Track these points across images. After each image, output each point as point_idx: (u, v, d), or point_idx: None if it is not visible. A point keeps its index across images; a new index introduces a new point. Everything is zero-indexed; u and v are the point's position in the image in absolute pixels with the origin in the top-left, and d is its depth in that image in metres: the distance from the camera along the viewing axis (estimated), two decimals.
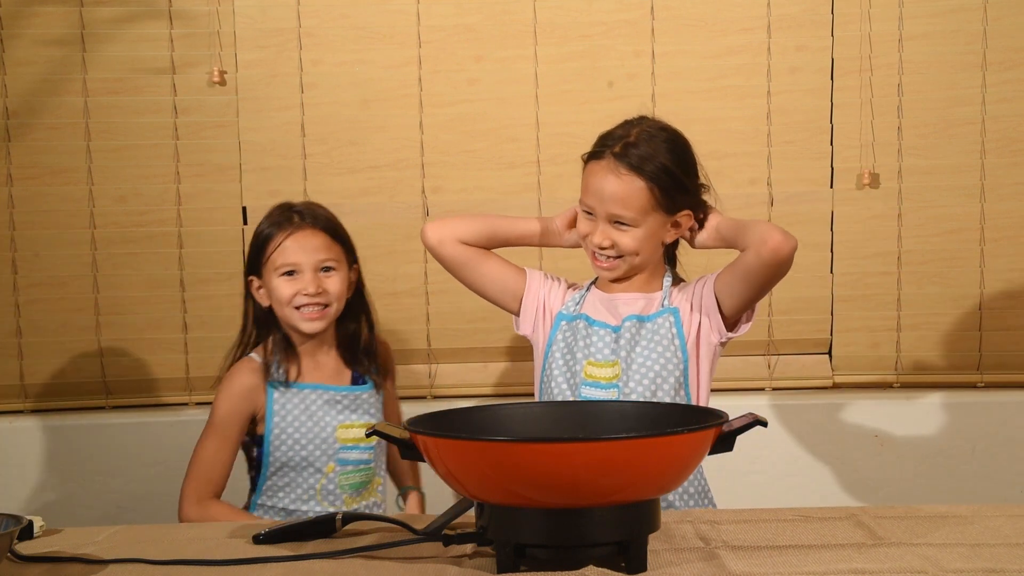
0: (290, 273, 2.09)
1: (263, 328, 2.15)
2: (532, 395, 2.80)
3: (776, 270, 1.90)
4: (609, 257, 1.99)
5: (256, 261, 2.13)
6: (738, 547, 1.50)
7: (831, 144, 2.81)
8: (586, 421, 1.60)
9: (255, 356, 2.13)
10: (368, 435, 1.50)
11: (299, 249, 2.09)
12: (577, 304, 2.06)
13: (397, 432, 1.49)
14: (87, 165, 2.79)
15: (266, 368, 2.10)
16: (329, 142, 2.81)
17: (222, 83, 2.78)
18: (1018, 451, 2.75)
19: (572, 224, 2.06)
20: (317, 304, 2.09)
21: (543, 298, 2.08)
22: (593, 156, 2.00)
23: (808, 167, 2.81)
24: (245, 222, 2.80)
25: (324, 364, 2.15)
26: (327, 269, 2.11)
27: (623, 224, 1.96)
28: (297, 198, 2.77)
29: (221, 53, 2.78)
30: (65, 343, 2.80)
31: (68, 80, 2.78)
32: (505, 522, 1.39)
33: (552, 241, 2.11)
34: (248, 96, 2.80)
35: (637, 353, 1.98)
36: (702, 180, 2.04)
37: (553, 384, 2.03)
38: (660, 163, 1.96)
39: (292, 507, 2.10)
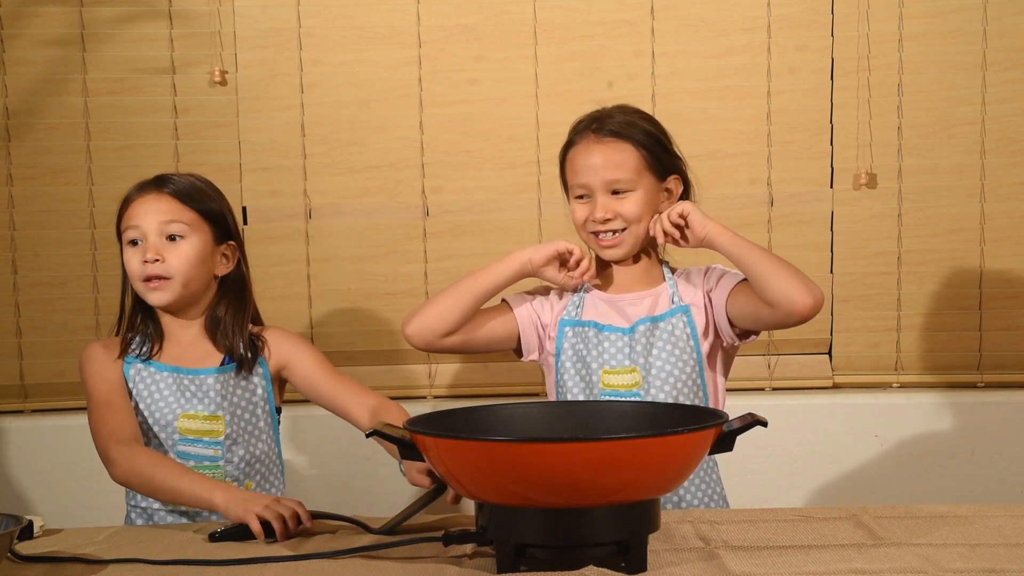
0: (135, 243, 1.95)
1: (137, 311, 2.02)
2: (532, 395, 2.81)
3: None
4: (614, 232, 1.98)
5: (118, 233, 2.01)
6: (738, 547, 1.50)
7: (831, 144, 2.81)
8: (586, 421, 1.60)
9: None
10: (368, 436, 1.50)
11: (141, 213, 1.95)
12: (578, 308, 2.03)
13: (397, 432, 1.49)
14: (87, 165, 2.79)
15: (124, 344, 1.98)
16: (329, 142, 2.81)
17: (223, 83, 2.78)
18: (1018, 451, 2.75)
19: (550, 261, 2.00)
20: (156, 275, 1.93)
21: (537, 322, 2.05)
22: (571, 142, 2.03)
23: (808, 167, 2.81)
24: (245, 222, 2.80)
25: (187, 345, 2.00)
26: (173, 238, 1.95)
27: (621, 191, 1.96)
28: (297, 198, 2.81)
29: (222, 53, 2.78)
30: (65, 343, 2.80)
31: (68, 80, 2.78)
32: (505, 522, 1.39)
33: (529, 275, 2.03)
34: (248, 96, 2.80)
35: (655, 357, 1.96)
36: (678, 154, 2.06)
37: (568, 395, 1.99)
38: (639, 127, 1.99)
39: (143, 503, 1.95)
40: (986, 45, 2.76)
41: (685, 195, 2.05)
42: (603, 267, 2.06)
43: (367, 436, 1.50)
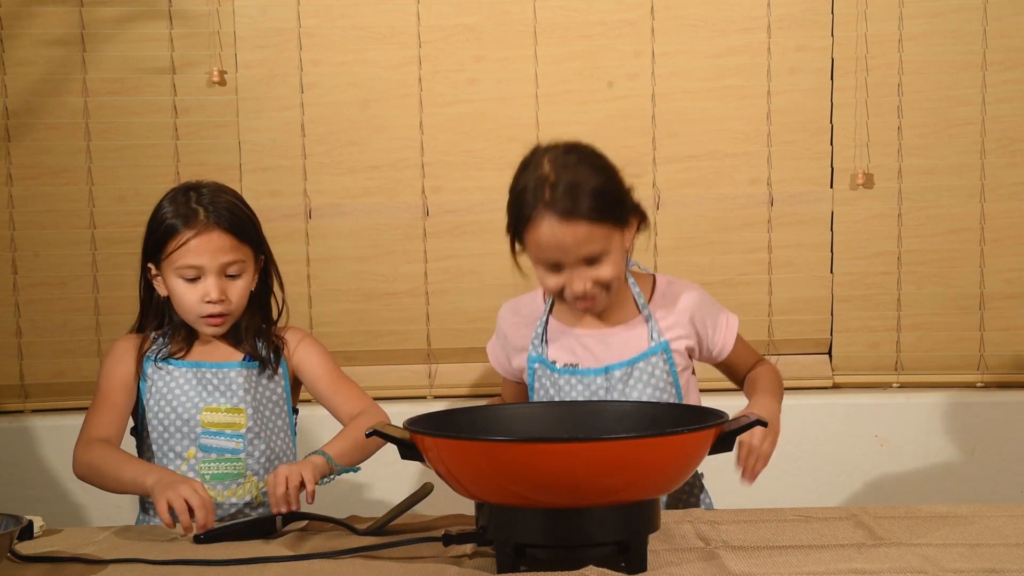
0: (193, 278, 1.95)
1: (160, 314, 2.03)
2: None
3: None
4: (593, 295, 1.88)
5: (155, 251, 1.98)
6: (738, 547, 1.50)
7: (831, 144, 2.81)
8: (586, 421, 1.60)
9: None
10: (368, 435, 1.50)
11: (204, 252, 1.94)
12: (541, 341, 1.99)
13: (397, 432, 1.49)
14: (87, 165, 2.79)
15: (143, 342, 2.00)
16: (329, 142, 2.81)
17: (222, 83, 2.78)
18: (1018, 451, 2.75)
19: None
20: (219, 313, 1.95)
21: (514, 371, 2.06)
22: (528, 218, 1.85)
23: (808, 167, 2.81)
24: None
25: (212, 346, 2.02)
26: (232, 276, 1.97)
27: (596, 260, 1.85)
28: (297, 198, 2.81)
29: (221, 53, 2.78)
30: (65, 343, 2.81)
31: (68, 80, 2.78)
32: (505, 522, 1.39)
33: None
34: (248, 96, 2.80)
35: (632, 399, 1.91)
36: (627, 187, 1.91)
37: None
38: (591, 189, 1.83)
39: None
40: (986, 45, 2.76)
41: (641, 219, 1.93)
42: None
43: (367, 435, 1.50)
